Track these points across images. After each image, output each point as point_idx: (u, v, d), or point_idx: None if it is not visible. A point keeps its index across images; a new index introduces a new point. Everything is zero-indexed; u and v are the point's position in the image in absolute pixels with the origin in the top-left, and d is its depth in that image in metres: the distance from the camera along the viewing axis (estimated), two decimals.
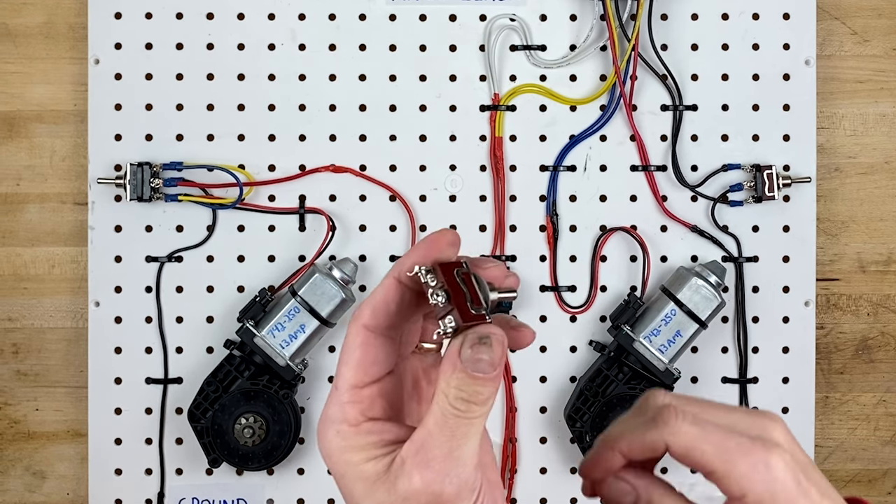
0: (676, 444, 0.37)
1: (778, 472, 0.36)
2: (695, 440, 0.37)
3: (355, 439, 0.36)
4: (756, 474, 0.36)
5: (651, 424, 0.38)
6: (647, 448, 0.38)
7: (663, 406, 0.38)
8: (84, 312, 0.83)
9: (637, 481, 0.40)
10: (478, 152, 0.83)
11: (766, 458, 0.36)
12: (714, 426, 0.37)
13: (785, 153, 0.83)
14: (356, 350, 0.37)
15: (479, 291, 0.37)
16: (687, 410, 0.38)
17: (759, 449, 0.36)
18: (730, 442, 0.37)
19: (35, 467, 0.85)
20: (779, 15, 0.83)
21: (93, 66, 0.81)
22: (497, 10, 0.82)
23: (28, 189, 0.84)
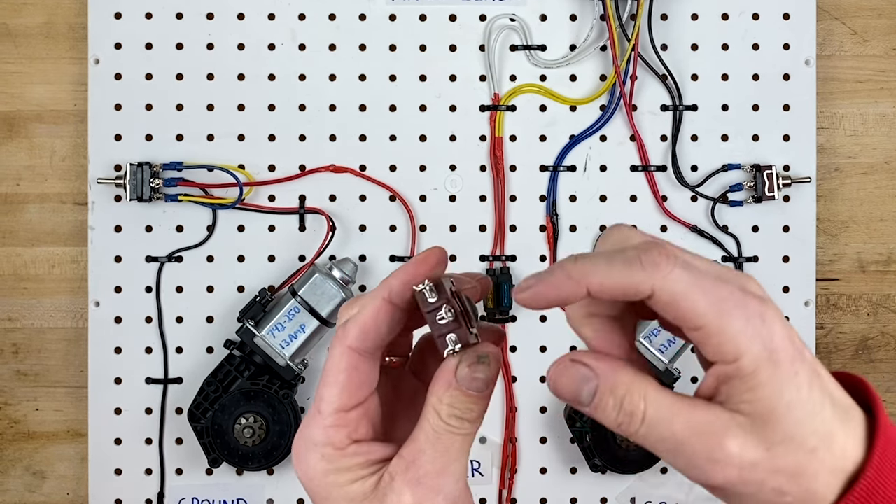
0: (665, 289, 0.31)
1: (775, 328, 0.31)
2: (687, 287, 0.31)
3: (341, 462, 0.35)
4: (752, 330, 0.31)
5: (635, 263, 0.32)
6: (627, 290, 0.32)
7: (649, 244, 0.32)
8: (84, 312, 0.83)
9: (599, 364, 0.33)
10: (478, 152, 0.83)
11: (762, 312, 0.31)
12: (707, 274, 0.32)
13: (785, 153, 0.83)
14: (342, 373, 0.35)
15: (471, 310, 0.36)
16: (679, 252, 0.32)
17: (753, 300, 0.31)
18: (723, 291, 0.31)
19: (35, 467, 0.85)
20: (779, 15, 0.83)
21: (93, 66, 0.81)
22: (497, 10, 0.82)
23: (28, 189, 0.84)
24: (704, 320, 0.31)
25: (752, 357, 0.31)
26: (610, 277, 0.32)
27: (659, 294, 0.31)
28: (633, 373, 0.33)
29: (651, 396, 0.32)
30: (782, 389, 0.31)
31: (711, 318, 0.31)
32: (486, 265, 0.83)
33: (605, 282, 0.32)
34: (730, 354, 0.31)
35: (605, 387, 0.32)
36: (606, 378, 0.32)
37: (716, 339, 0.31)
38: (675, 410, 0.32)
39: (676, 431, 0.31)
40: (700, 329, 0.31)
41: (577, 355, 0.33)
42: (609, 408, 0.32)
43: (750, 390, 0.31)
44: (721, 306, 0.31)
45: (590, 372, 0.33)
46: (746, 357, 0.31)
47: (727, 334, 0.31)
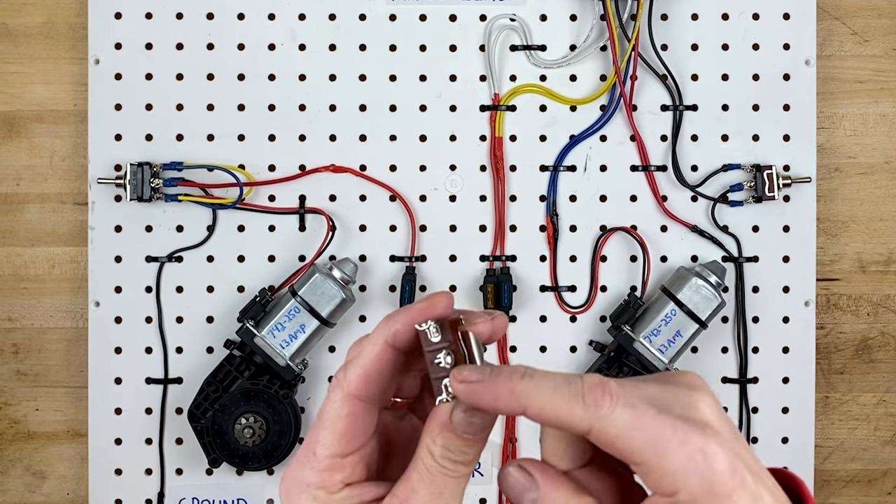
0: (603, 430, 0.32)
1: (714, 460, 0.31)
2: (626, 429, 0.31)
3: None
4: (692, 466, 0.31)
5: (577, 398, 0.32)
6: (563, 423, 0.32)
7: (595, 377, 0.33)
8: (84, 312, 0.83)
9: (543, 477, 0.34)
10: (478, 152, 0.83)
11: (703, 446, 0.31)
12: (646, 409, 0.32)
13: (785, 153, 0.83)
14: (340, 420, 0.35)
15: (476, 352, 0.34)
16: (621, 392, 0.32)
17: (695, 434, 0.31)
18: (665, 430, 0.31)
19: (35, 467, 0.85)
20: (779, 15, 0.83)
21: (93, 66, 0.81)
22: (497, 10, 0.82)
23: (28, 189, 0.84)
24: (643, 457, 0.31)
25: (690, 493, 0.31)
26: (550, 407, 0.32)
27: (597, 434, 0.32)
28: (571, 492, 0.34)
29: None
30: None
31: (650, 456, 0.31)
32: (486, 265, 0.83)
33: (544, 410, 0.32)
34: (668, 489, 0.31)
35: (545, 500, 0.34)
36: (546, 493, 0.34)
37: (655, 475, 0.32)
38: None
39: None
40: (639, 465, 0.32)
41: (527, 463, 0.34)
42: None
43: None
44: (659, 446, 0.31)
45: (533, 483, 0.34)
46: (684, 493, 0.31)
47: (665, 471, 0.31)
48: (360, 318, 0.82)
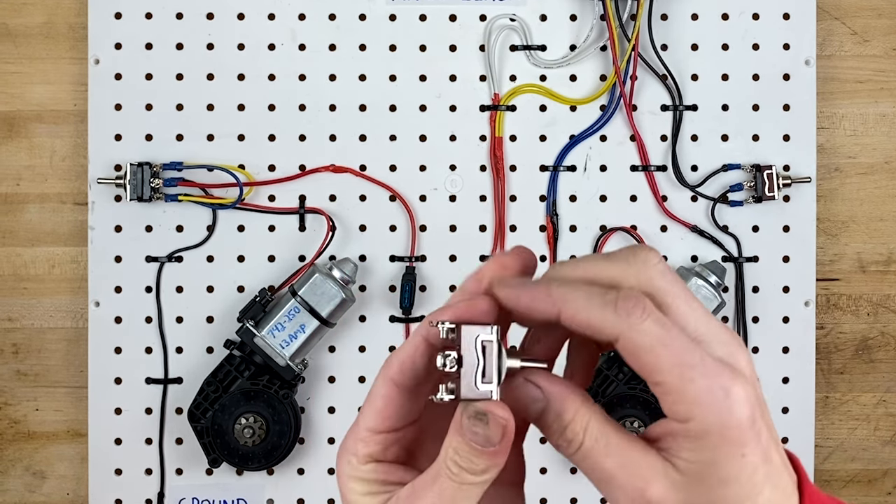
0: (630, 339, 0.32)
1: (735, 403, 0.31)
2: (652, 342, 0.32)
3: (360, 472, 0.37)
4: (710, 400, 0.31)
5: (610, 305, 0.32)
6: (594, 329, 0.33)
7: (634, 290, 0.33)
8: (84, 312, 0.83)
9: (551, 388, 0.34)
10: (478, 152, 0.83)
11: (726, 385, 0.31)
12: (679, 333, 0.32)
13: (785, 153, 0.83)
14: (378, 399, 0.38)
15: (494, 366, 0.34)
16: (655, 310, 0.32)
17: (723, 372, 0.31)
18: (692, 356, 0.31)
19: (35, 467, 0.85)
20: (779, 15, 0.83)
21: (93, 66, 0.81)
22: (497, 10, 0.82)
23: (28, 189, 0.84)
24: (663, 377, 0.32)
25: (702, 424, 0.31)
26: (583, 312, 0.33)
27: (623, 342, 0.32)
28: (580, 401, 0.34)
29: (592, 428, 0.34)
30: (722, 464, 0.31)
31: (671, 377, 0.32)
32: None
33: (577, 315, 0.33)
34: (681, 415, 0.32)
35: (552, 410, 0.34)
36: (554, 402, 0.34)
37: (672, 398, 0.32)
38: (612, 447, 0.33)
39: (606, 467, 0.33)
40: (658, 385, 0.32)
41: (533, 375, 0.35)
42: (552, 429, 0.34)
43: (691, 451, 0.32)
44: (684, 369, 0.31)
45: (540, 394, 0.35)
46: (696, 422, 0.31)
47: (684, 396, 0.31)
48: (360, 318, 0.82)
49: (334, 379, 0.83)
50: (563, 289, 0.34)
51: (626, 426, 0.78)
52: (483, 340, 0.34)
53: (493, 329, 0.35)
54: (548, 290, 0.34)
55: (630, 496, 0.33)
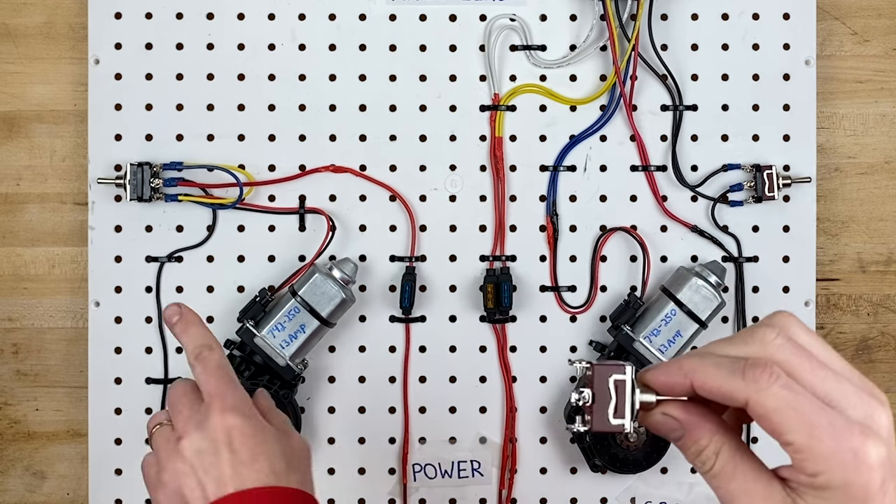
0: (759, 403, 0.34)
1: (864, 465, 0.33)
2: (781, 406, 0.34)
3: None
4: (839, 459, 0.33)
5: (738, 373, 0.35)
6: (724, 395, 0.35)
7: (761, 360, 0.35)
8: (84, 312, 0.83)
9: (687, 418, 0.38)
10: (478, 152, 0.83)
11: (857, 447, 0.33)
12: (809, 397, 0.34)
13: (785, 153, 0.83)
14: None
15: (627, 402, 0.38)
16: (783, 375, 0.34)
17: (855, 434, 0.33)
18: (821, 417, 0.33)
19: (35, 467, 0.85)
20: (779, 15, 0.83)
21: (93, 66, 0.81)
22: (497, 10, 0.82)
23: (28, 189, 0.84)
24: (792, 437, 0.34)
25: (829, 480, 0.33)
26: (713, 380, 0.36)
27: (753, 406, 0.35)
28: (714, 429, 0.37)
29: (723, 455, 0.37)
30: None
31: (800, 437, 0.34)
32: (486, 265, 0.83)
33: (707, 383, 0.36)
34: (810, 469, 0.34)
35: (690, 437, 0.38)
36: (691, 432, 0.38)
37: (801, 456, 0.34)
38: (738, 473, 0.36)
39: (731, 489, 0.36)
40: (789, 445, 0.34)
41: (670, 408, 0.38)
42: (689, 452, 0.38)
43: (814, 497, 0.34)
44: (812, 430, 0.34)
45: (677, 424, 0.38)
46: (823, 478, 0.33)
47: (813, 455, 0.34)
48: (360, 318, 0.82)
49: (334, 379, 0.83)
50: (692, 360, 0.37)
51: None
52: (616, 379, 0.38)
53: (627, 369, 0.38)
54: (679, 364, 0.37)
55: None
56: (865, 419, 0.34)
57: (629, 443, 0.78)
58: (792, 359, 0.35)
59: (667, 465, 0.82)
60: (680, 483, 0.82)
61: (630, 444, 0.78)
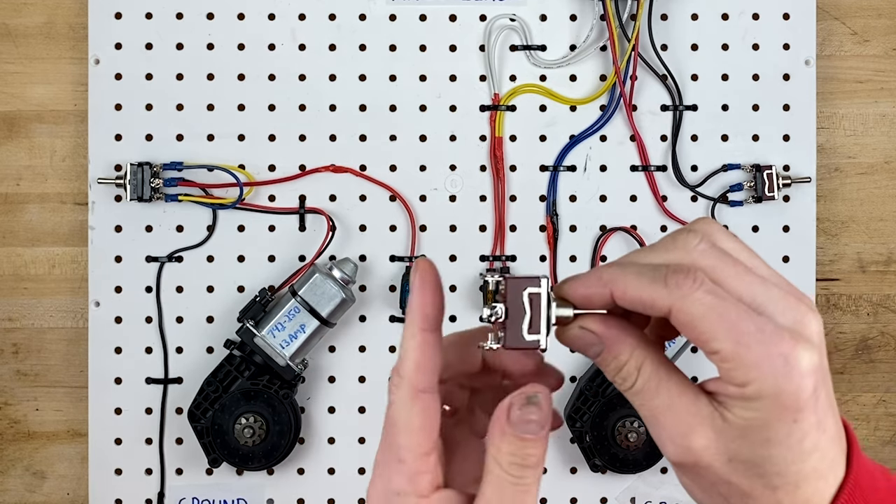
0: (682, 310, 0.32)
1: (796, 372, 0.31)
2: (705, 312, 0.32)
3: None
4: (768, 366, 0.31)
5: (660, 280, 0.33)
6: (646, 304, 0.33)
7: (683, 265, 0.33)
8: (84, 312, 0.83)
9: (607, 332, 0.35)
10: (478, 152, 0.83)
11: (788, 353, 0.31)
12: (735, 303, 0.32)
13: (785, 153, 0.83)
14: (415, 417, 0.34)
15: (543, 317, 0.35)
16: (707, 279, 0.32)
17: (784, 339, 0.31)
18: (748, 325, 0.31)
19: (35, 467, 0.85)
20: (779, 15, 0.83)
21: (93, 66, 0.81)
22: (497, 10, 0.82)
23: (28, 189, 0.84)
24: (719, 345, 0.32)
25: (759, 391, 0.31)
26: (633, 289, 0.33)
27: (676, 314, 0.32)
28: (635, 343, 0.34)
29: (645, 370, 0.34)
30: (772, 425, 0.32)
31: (727, 344, 0.31)
32: (486, 265, 0.83)
33: (627, 291, 0.33)
34: (738, 380, 0.32)
35: (609, 353, 0.35)
36: (611, 347, 0.35)
37: (728, 365, 0.32)
38: (662, 388, 0.34)
39: (654, 406, 0.34)
40: (716, 354, 0.32)
41: (588, 322, 0.35)
42: (609, 368, 0.35)
43: (743, 408, 0.32)
44: (740, 336, 0.31)
45: (596, 338, 0.35)
46: (753, 387, 0.31)
47: (741, 363, 0.31)
48: (360, 318, 0.82)
49: (334, 379, 0.83)
50: (612, 269, 0.34)
51: (626, 426, 0.78)
52: (530, 293, 0.35)
53: (542, 282, 0.35)
54: (598, 274, 0.34)
55: (673, 439, 0.33)
56: (795, 325, 0.32)
57: (629, 443, 0.78)
58: (716, 264, 0.33)
59: (666, 465, 0.82)
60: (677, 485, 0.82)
61: (630, 444, 0.78)
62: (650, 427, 0.34)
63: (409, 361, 0.35)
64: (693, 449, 0.33)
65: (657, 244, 0.35)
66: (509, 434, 0.33)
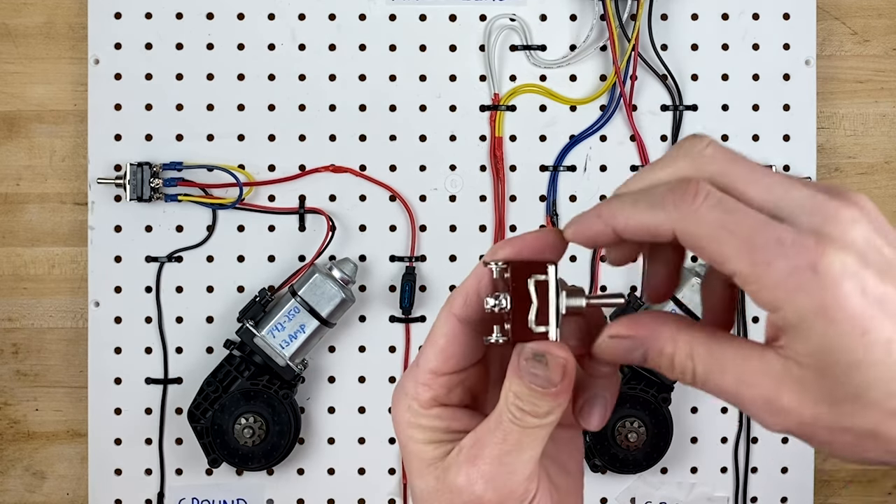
0: (686, 231, 0.28)
1: (829, 280, 0.26)
2: (712, 230, 0.28)
3: (423, 419, 0.35)
4: (795, 283, 0.26)
5: (658, 204, 0.29)
6: (649, 231, 0.30)
7: (683, 180, 0.29)
8: (84, 312, 0.83)
9: (639, 332, 0.31)
10: (478, 152, 0.83)
11: (813, 259, 0.26)
12: (748, 213, 0.28)
13: (785, 153, 0.83)
14: (442, 337, 0.35)
15: (550, 305, 0.32)
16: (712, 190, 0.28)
17: (805, 245, 0.27)
18: (765, 236, 0.27)
19: (35, 467, 0.85)
20: (779, 15, 0.83)
21: (93, 66, 0.81)
22: (497, 10, 0.82)
23: (28, 189, 0.84)
24: (733, 266, 0.28)
25: (795, 310, 0.27)
26: (633, 218, 0.30)
27: (682, 237, 0.29)
28: (674, 330, 0.31)
29: (698, 353, 0.30)
30: (845, 347, 0.27)
31: (742, 265, 0.27)
32: None
33: (629, 223, 0.30)
34: (769, 304, 0.28)
35: (653, 352, 0.31)
36: (651, 345, 0.31)
37: (752, 288, 0.28)
38: (726, 364, 0.30)
39: (727, 387, 0.30)
40: (735, 275, 0.28)
41: (615, 329, 0.32)
42: (663, 367, 0.31)
43: (802, 343, 0.27)
44: (755, 253, 0.27)
45: (631, 342, 0.32)
46: (787, 309, 0.27)
47: (763, 283, 0.27)
48: (360, 318, 0.82)
49: (334, 379, 0.83)
50: (610, 203, 0.31)
51: (626, 426, 0.78)
52: (536, 280, 0.32)
53: (549, 268, 0.32)
54: (596, 212, 0.32)
55: (763, 410, 0.29)
56: (823, 225, 0.27)
57: (629, 443, 0.78)
58: (726, 168, 0.29)
59: (667, 466, 0.82)
60: (680, 483, 0.82)
61: (630, 445, 0.78)
62: (740, 408, 0.30)
63: (461, 289, 0.35)
64: (788, 411, 0.28)
65: (661, 158, 0.31)
66: (517, 377, 0.32)
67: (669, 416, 0.78)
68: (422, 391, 0.35)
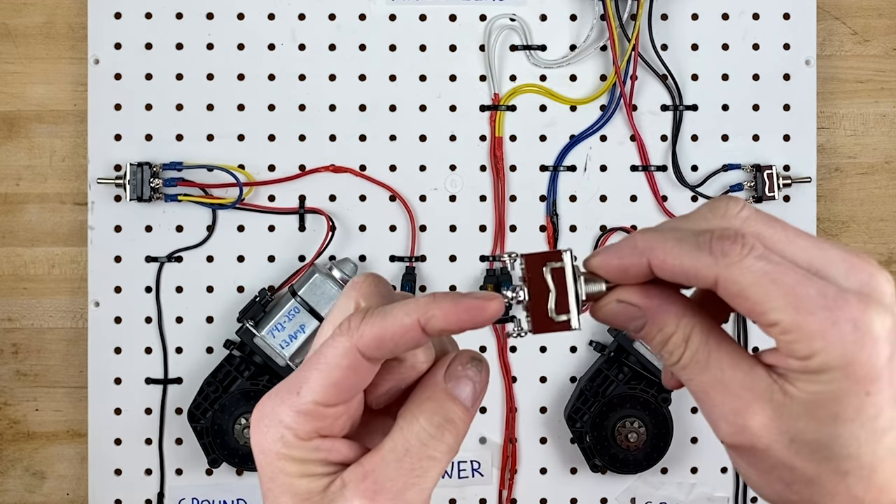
0: (731, 279, 0.28)
1: (868, 338, 0.27)
2: (757, 279, 0.28)
3: (299, 451, 0.31)
4: (837, 334, 0.27)
5: (705, 246, 0.29)
6: (689, 273, 0.29)
7: (730, 230, 0.29)
8: (84, 312, 0.83)
9: (649, 302, 0.31)
10: (478, 152, 0.83)
11: (857, 317, 0.27)
12: (791, 267, 0.28)
13: (785, 153, 0.83)
14: (338, 370, 0.31)
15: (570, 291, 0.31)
16: (758, 244, 0.28)
17: (851, 303, 0.27)
18: (809, 289, 0.27)
19: (35, 467, 0.85)
20: (779, 15, 0.83)
21: (93, 66, 0.81)
22: (497, 10, 0.82)
23: (28, 189, 0.84)
24: (777, 315, 0.28)
25: (826, 361, 0.27)
26: (674, 257, 0.30)
27: (725, 284, 0.29)
28: (682, 310, 0.31)
29: (694, 340, 0.30)
30: (841, 399, 0.28)
31: (786, 314, 0.28)
32: (486, 265, 0.83)
33: (667, 260, 0.30)
34: (801, 352, 0.28)
35: (653, 325, 0.31)
36: (655, 318, 0.31)
37: (790, 337, 0.28)
38: (713, 362, 0.30)
39: (703, 381, 0.30)
40: (774, 326, 0.28)
41: (626, 295, 0.32)
42: (654, 342, 0.31)
43: (807, 382, 0.28)
44: (800, 304, 0.27)
45: (638, 311, 0.31)
46: (819, 359, 0.28)
47: (803, 332, 0.28)
48: None
49: None
50: (649, 236, 0.31)
51: (626, 426, 0.78)
52: (552, 268, 0.32)
53: (564, 255, 0.32)
54: (633, 242, 0.31)
55: (726, 417, 0.29)
56: (863, 286, 0.28)
57: (629, 443, 0.78)
58: (764, 230, 0.29)
59: (667, 466, 0.82)
60: (680, 483, 0.82)
61: (630, 445, 0.78)
62: (701, 406, 0.31)
63: (377, 326, 0.31)
64: (749, 428, 0.29)
65: (695, 212, 0.31)
66: (442, 391, 0.31)
67: (669, 416, 0.78)
68: (302, 422, 0.31)
